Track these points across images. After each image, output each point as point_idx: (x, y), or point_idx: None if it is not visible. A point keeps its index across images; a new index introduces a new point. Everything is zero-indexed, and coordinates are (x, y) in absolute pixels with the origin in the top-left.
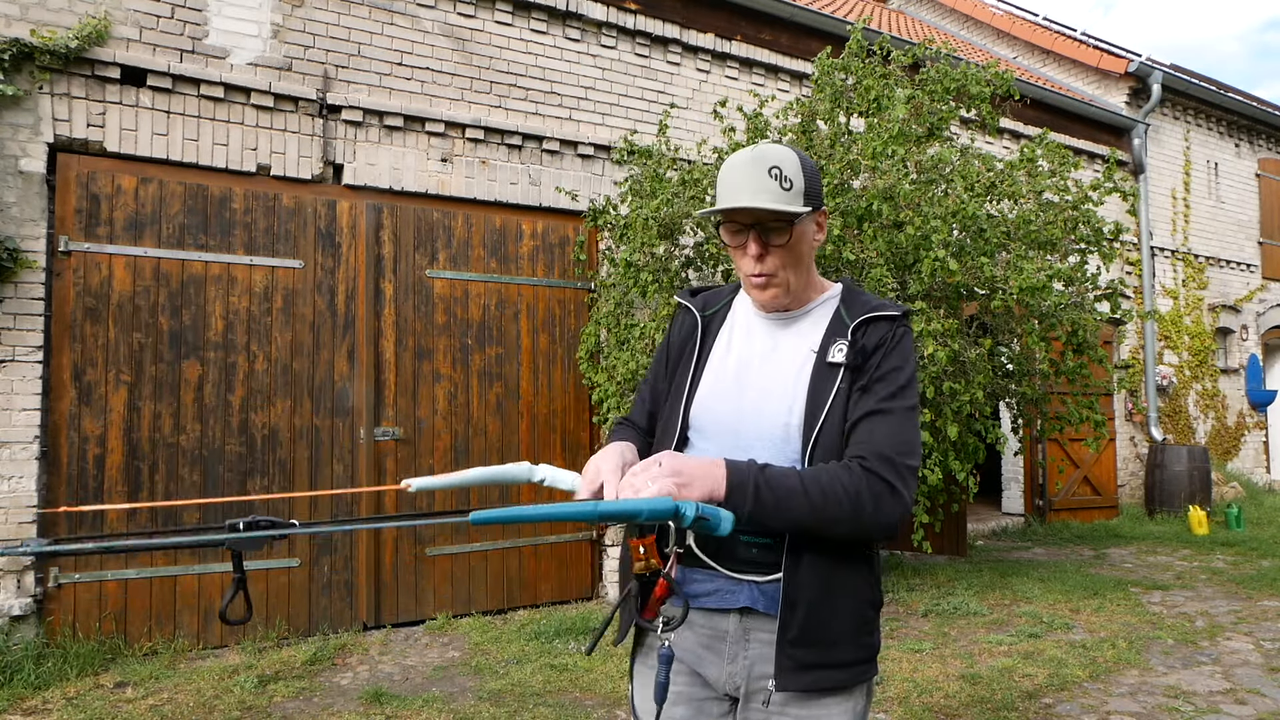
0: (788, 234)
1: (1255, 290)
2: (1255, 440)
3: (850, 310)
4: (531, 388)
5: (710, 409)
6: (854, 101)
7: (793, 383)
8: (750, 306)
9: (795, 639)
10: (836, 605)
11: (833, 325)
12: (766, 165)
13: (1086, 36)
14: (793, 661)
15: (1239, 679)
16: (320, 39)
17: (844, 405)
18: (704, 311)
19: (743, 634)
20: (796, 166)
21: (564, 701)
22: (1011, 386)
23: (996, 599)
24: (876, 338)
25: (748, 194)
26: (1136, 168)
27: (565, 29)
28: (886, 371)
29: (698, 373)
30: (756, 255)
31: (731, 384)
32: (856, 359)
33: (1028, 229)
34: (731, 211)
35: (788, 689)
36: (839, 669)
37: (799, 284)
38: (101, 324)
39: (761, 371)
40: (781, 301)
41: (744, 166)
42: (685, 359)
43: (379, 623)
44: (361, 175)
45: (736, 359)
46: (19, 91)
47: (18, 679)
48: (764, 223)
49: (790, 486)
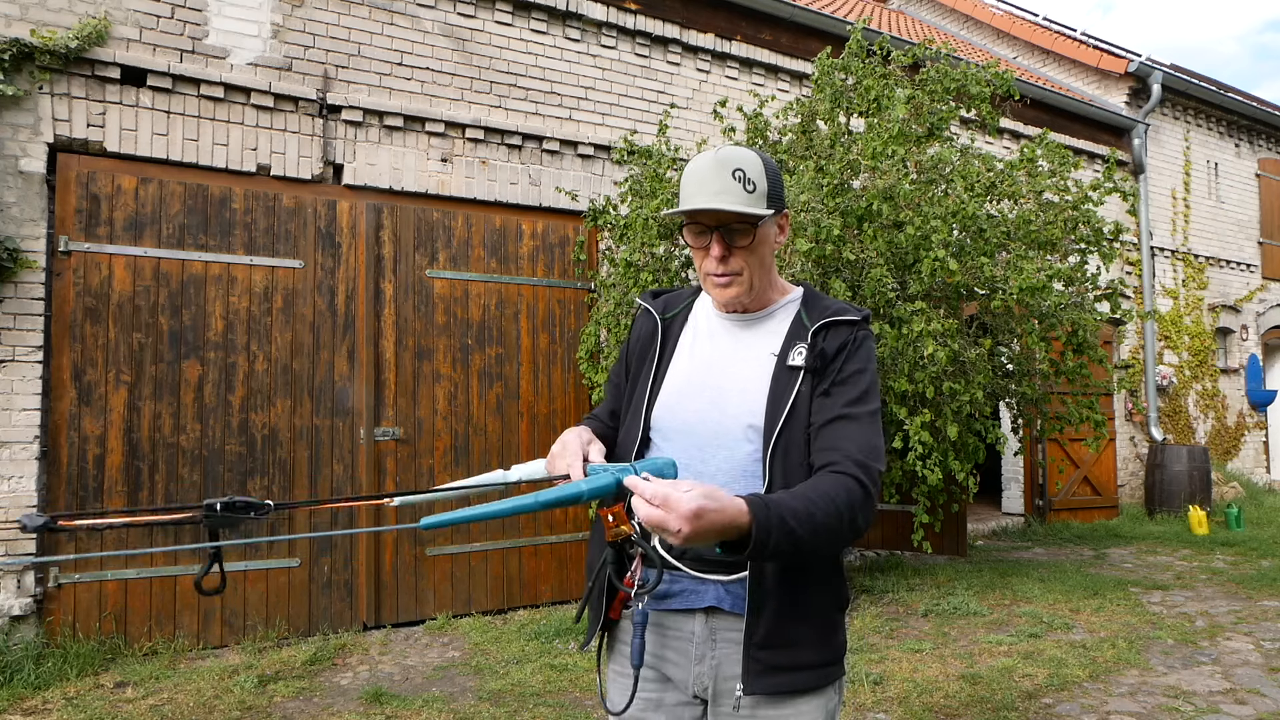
0: (751, 236)
1: (1255, 290)
2: (1255, 440)
3: (810, 313)
4: (531, 388)
5: (672, 411)
6: (854, 101)
7: (754, 385)
8: (711, 308)
9: (761, 642)
10: (803, 607)
11: (793, 328)
12: (730, 168)
13: (1086, 36)
14: (759, 664)
15: (1239, 679)
16: (320, 39)
17: (805, 408)
18: (664, 315)
19: (709, 634)
20: (760, 169)
21: (564, 701)
22: (1011, 386)
23: (996, 599)
24: (838, 342)
25: (711, 196)
26: (1136, 168)
27: (565, 29)
28: (849, 375)
29: (659, 375)
30: (719, 256)
31: (692, 386)
32: (816, 362)
33: (1028, 229)
34: (695, 213)
35: (755, 692)
36: (806, 670)
37: (761, 284)
38: (101, 324)
39: (723, 373)
40: (742, 300)
41: (708, 169)
42: (647, 362)
43: (379, 623)
44: (361, 175)
45: (698, 361)
46: (19, 91)
47: (18, 679)
48: (727, 224)
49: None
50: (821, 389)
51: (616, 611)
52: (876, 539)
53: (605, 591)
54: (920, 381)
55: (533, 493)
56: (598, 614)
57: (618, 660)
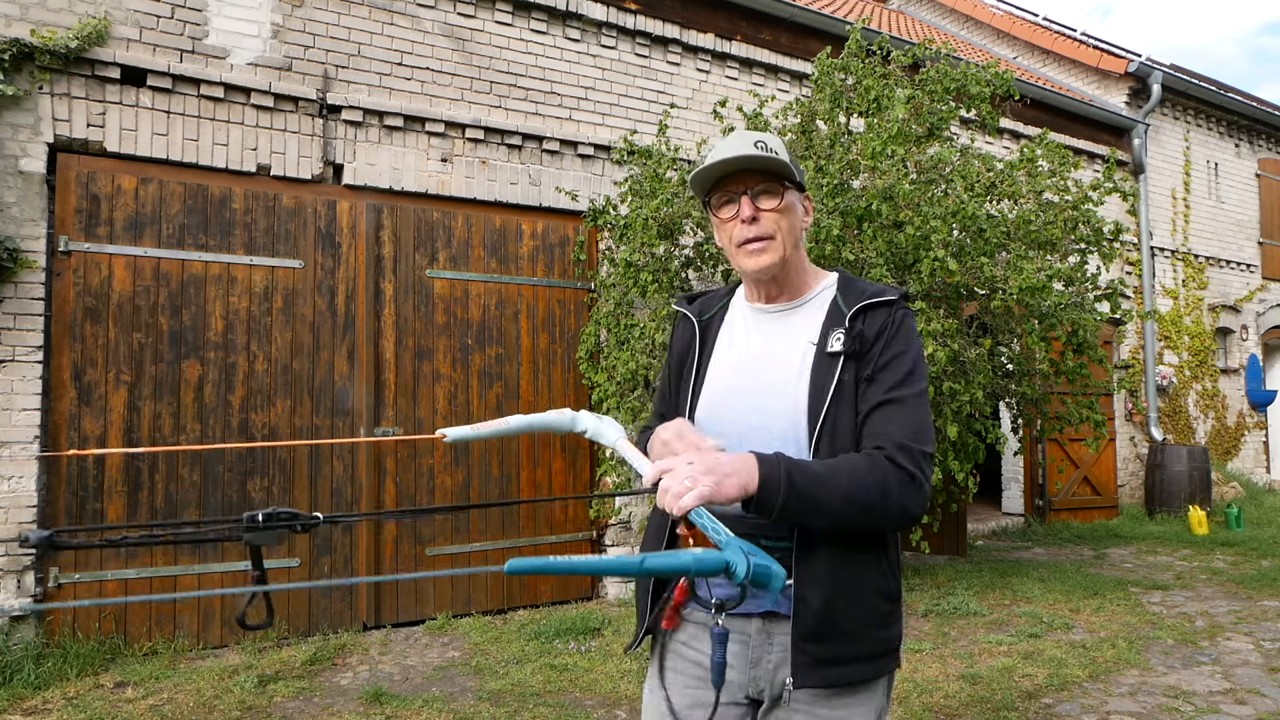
0: (779, 197)
1: (1255, 290)
2: (1255, 440)
3: (847, 298)
4: (531, 388)
5: (715, 410)
6: (854, 101)
7: (795, 376)
8: (746, 304)
9: (809, 634)
10: (851, 598)
11: (830, 315)
12: (753, 139)
13: (1086, 36)
14: (808, 657)
15: (1239, 679)
16: (320, 39)
17: (849, 394)
18: (701, 316)
19: (766, 637)
20: (781, 145)
21: (564, 701)
22: (1011, 386)
23: (996, 599)
24: (877, 325)
25: (736, 153)
26: (1136, 168)
27: (565, 29)
28: (891, 358)
29: (700, 376)
30: (749, 218)
31: (734, 383)
32: (854, 345)
33: (1028, 229)
34: (724, 166)
35: (806, 685)
36: (857, 663)
37: (794, 259)
38: (101, 324)
39: (764, 367)
40: (774, 271)
41: (733, 138)
42: (688, 365)
43: (379, 623)
44: (361, 175)
45: (738, 358)
46: (19, 91)
47: (18, 679)
48: (754, 187)
49: (819, 473)
50: (866, 375)
51: (671, 621)
52: None
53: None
54: None
55: (639, 556)
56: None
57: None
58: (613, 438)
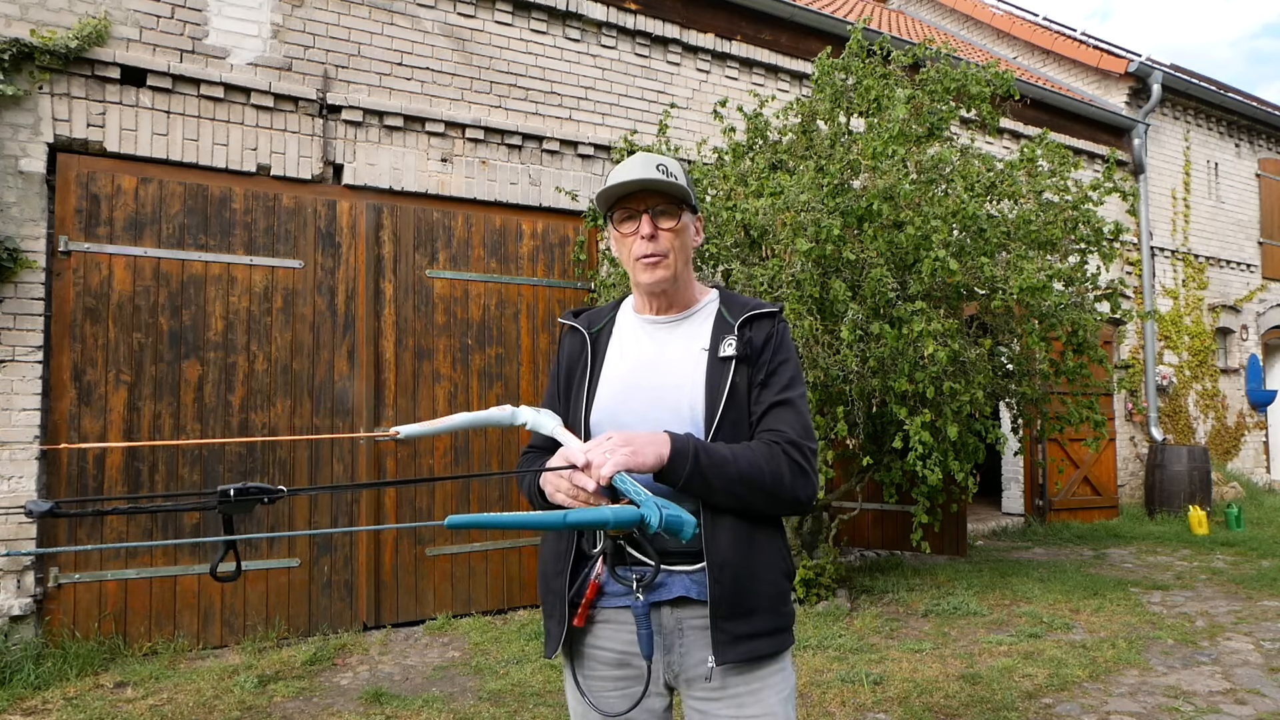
0: (676, 218)
1: (1255, 290)
2: (1255, 440)
3: (731, 310)
4: (531, 388)
5: (611, 412)
6: (854, 101)
7: (689, 378)
8: (634, 316)
9: (725, 614)
10: (756, 577)
11: (718, 325)
12: (654, 163)
13: (1086, 36)
14: (726, 635)
15: (1239, 679)
16: (320, 39)
17: (742, 395)
18: (590, 329)
19: (676, 623)
20: (680, 169)
21: (564, 702)
22: (1011, 386)
23: (996, 599)
24: (763, 334)
25: (640, 175)
26: (1136, 168)
27: (565, 29)
28: (779, 364)
29: (594, 382)
30: (648, 235)
31: (629, 387)
32: (746, 350)
33: (1028, 229)
34: (628, 186)
35: (727, 661)
36: (765, 637)
37: (684, 276)
38: (101, 324)
39: (656, 372)
40: (667, 285)
41: (635, 161)
42: (579, 374)
43: (379, 623)
44: (361, 175)
45: (631, 363)
46: (19, 91)
47: (17, 679)
48: (654, 207)
49: (723, 454)
50: (758, 380)
51: (581, 619)
52: (876, 539)
53: (567, 602)
54: (920, 381)
55: (562, 512)
56: (561, 623)
57: (590, 665)
58: (550, 426)
